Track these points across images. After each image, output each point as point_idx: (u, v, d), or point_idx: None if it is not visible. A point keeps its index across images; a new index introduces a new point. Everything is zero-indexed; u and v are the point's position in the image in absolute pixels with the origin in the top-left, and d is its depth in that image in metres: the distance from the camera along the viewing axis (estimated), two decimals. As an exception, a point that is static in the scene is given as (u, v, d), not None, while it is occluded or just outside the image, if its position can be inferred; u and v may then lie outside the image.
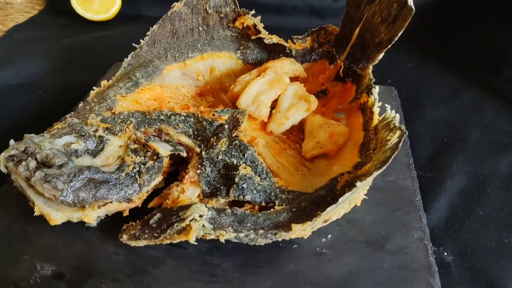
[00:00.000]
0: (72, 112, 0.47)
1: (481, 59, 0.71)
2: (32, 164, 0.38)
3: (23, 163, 0.38)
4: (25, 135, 0.41)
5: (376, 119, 0.45)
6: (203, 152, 0.43)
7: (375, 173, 0.38)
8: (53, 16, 0.83)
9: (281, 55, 0.55)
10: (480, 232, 0.43)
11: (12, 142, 0.40)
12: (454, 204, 0.47)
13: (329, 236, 0.41)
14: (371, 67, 0.49)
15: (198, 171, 0.42)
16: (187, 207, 0.38)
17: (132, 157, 0.42)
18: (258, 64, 0.55)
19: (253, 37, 0.54)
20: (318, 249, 0.40)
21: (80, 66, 0.67)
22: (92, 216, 0.39)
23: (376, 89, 0.46)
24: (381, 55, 0.48)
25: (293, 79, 0.55)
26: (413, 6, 0.42)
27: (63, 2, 0.81)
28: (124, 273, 0.37)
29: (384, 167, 0.38)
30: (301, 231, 0.37)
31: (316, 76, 0.55)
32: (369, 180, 0.38)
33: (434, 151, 0.54)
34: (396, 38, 0.45)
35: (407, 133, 0.39)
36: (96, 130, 0.43)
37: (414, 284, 0.37)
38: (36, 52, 0.70)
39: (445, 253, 0.41)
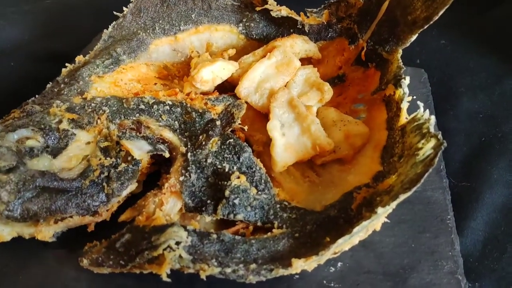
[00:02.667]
0: (37, 96, 0.40)
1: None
2: (-27, 168, 0.31)
3: (-37, 165, 0.31)
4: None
5: (404, 117, 0.37)
6: (189, 154, 0.36)
7: (402, 196, 0.30)
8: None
9: (291, 30, 0.46)
10: (524, 262, 0.36)
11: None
12: (494, 224, 0.39)
13: (339, 264, 0.34)
14: (400, 50, 0.40)
15: (181, 178, 0.34)
16: (162, 229, 0.30)
17: (100, 159, 0.34)
18: (264, 41, 0.47)
19: (258, 8, 0.45)
20: (325, 281, 0.33)
21: (62, 34, 0.59)
22: (47, 233, 0.32)
23: (406, 81, 0.38)
24: (414, 37, 0.40)
25: (305, 60, 0.46)
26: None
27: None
28: (84, 308, 0.30)
29: (414, 189, 0.30)
30: (304, 266, 0.29)
31: (332, 58, 0.46)
32: (393, 205, 0.30)
33: (470, 152, 0.45)
34: (436, 18, 0.36)
35: (445, 144, 0.31)
36: (60, 122, 0.36)
37: (443, 336, 0.30)
38: (12, 15, 0.61)
39: (482, 291, 0.34)
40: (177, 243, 0.29)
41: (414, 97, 0.49)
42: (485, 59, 0.59)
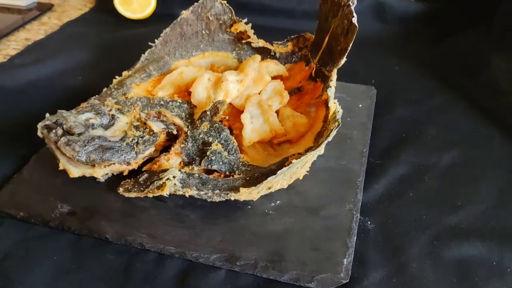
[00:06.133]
0: (97, 95, 0.61)
1: (462, 65, 0.78)
2: (59, 132, 0.52)
3: (53, 131, 0.52)
4: (58, 110, 0.55)
5: (331, 111, 0.56)
6: (189, 132, 0.56)
7: (309, 154, 0.49)
8: (100, 14, 0.98)
9: (268, 56, 0.67)
10: (404, 209, 0.53)
11: (47, 115, 0.54)
12: (391, 187, 0.56)
13: (278, 201, 0.53)
14: (335, 70, 0.60)
15: (182, 145, 0.55)
16: (166, 170, 0.51)
17: (133, 132, 0.55)
18: (250, 63, 0.67)
19: (243, 41, 0.66)
20: (266, 210, 0.52)
21: (115, 58, 0.81)
22: (99, 173, 0.53)
23: (332, 88, 0.57)
24: (343, 61, 0.58)
25: (278, 77, 0.66)
26: (357, 24, 0.52)
27: (108, 2, 0.96)
28: (118, 215, 0.51)
29: (317, 150, 0.49)
30: (247, 193, 0.48)
31: (295, 75, 0.66)
32: (303, 159, 0.49)
33: (390, 143, 0.63)
34: (349, 48, 0.55)
35: (340, 124, 0.50)
36: (110, 110, 0.56)
37: (333, 242, 0.48)
38: (81, 45, 0.85)
39: (369, 222, 0.51)
40: (174, 177, 0.50)
41: (360, 105, 0.69)
42: (426, 81, 0.77)
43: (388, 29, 0.90)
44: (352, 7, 0.53)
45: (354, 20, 0.52)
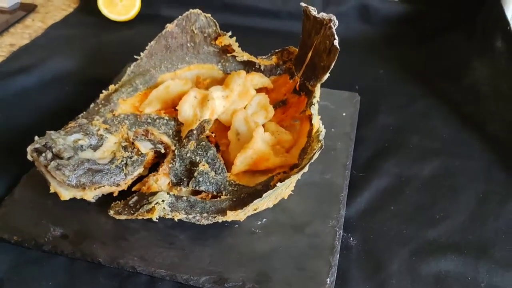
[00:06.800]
0: (84, 112, 0.62)
1: (444, 69, 0.80)
2: (49, 155, 0.53)
3: (43, 154, 0.53)
4: (46, 132, 0.56)
5: (315, 128, 0.57)
6: (176, 150, 0.57)
7: (294, 178, 0.51)
8: (84, 16, 0.97)
9: (253, 68, 0.68)
10: (385, 223, 0.55)
11: (36, 138, 0.54)
12: (373, 200, 0.58)
13: (264, 220, 0.54)
14: (319, 85, 0.61)
15: (170, 165, 0.56)
16: (155, 193, 0.52)
17: (121, 153, 0.56)
18: (236, 73, 0.68)
19: (228, 55, 0.67)
20: (253, 229, 0.53)
21: (101, 64, 0.81)
22: (90, 195, 0.54)
23: (315, 106, 0.58)
24: (326, 77, 0.59)
25: (263, 89, 0.67)
26: (338, 47, 0.53)
27: (92, 3, 0.95)
28: (109, 238, 0.52)
29: (301, 173, 0.51)
30: (234, 216, 0.50)
31: (280, 88, 0.67)
32: (288, 182, 0.51)
33: (373, 153, 0.65)
34: (332, 67, 0.56)
35: (323, 147, 0.51)
36: (98, 130, 0.57)
37: (316, 260, 0.50)
38: (67, 51, 0.84)
39: (351, 238, 0.53)
40: (163, 201, 0.51)
41: (344, 114, 0.70)
42: (408, 85, 0.79)
43: (372, 31, 0.91)
44: (334, 29, 0.54)
45: (336, 42, 0.53)
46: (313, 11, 0.57)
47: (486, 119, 0.71)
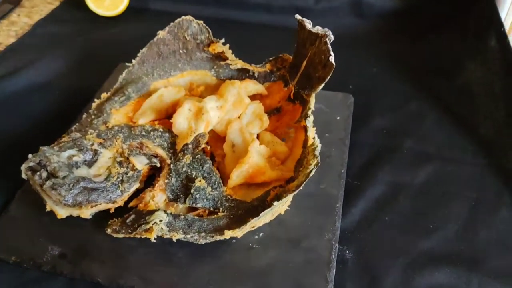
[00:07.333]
0: (77, 124, 0.61)
1: (438, 67, 0.79)
2: (44, 174, 0.52)
3: (38, 173, 0.53)
4: (40, 148, 0.55)
5: (310, 140, 0.57)
6: (172, 165, 0.57)
7: (290, 196, 0.51)
8: (71, 10, 0.94)
9: (247, 74, 0.67)
10: (380, 234, 0.56)
11: (30, 156, 0.54)
12: (368, 210, 0.59)
13: (261, 234, 0.55)
14: (313, 95, 0.60)
15: (166, 181, 0.56)
16: (152, 212, 0.53)
17: (117, 169, 0.56)
18: (229, 79, 0.67)
19: (222, 63, 0.66)
20: (250, 244, 0.54)
21: (90, 66, 0.79)
22: (86, 213, 0.54)
23: (311, 118, 0.58)
24: (320, 87, 0.59)
25: (257, 95, 0.67)
26: (334, 63, 0.53)
27: (79, -4, 0.93)
28: (108, 256, 0.53)
29: (297, 191, 0.51)
30: (232, 234, 0.51)
31: (274, 94, 0.66)
32: (284, 200, 0.51)
33: (368, 160, 0.65)
34: (327, 79, 0.56)
35: (319, 164, 0.52)
36: (92, 144, 0.57)
37: (313, 276, 0.51)
38: (55, 51, 0.82)
39: (347, 251, 0.54)
40: (160, 221, 0.51)
41: (338, 118, 0.70)
42: (401, 84, 0.78)
43: (365, 26, 0.90)
44: (329, 45, 0.53)
45: (331, 59, 0.53)
46: (308, 24, 0.56)
47: (479, 121, 0.71)
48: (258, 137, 0.61)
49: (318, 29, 0.55)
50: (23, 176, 0.53)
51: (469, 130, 0.70)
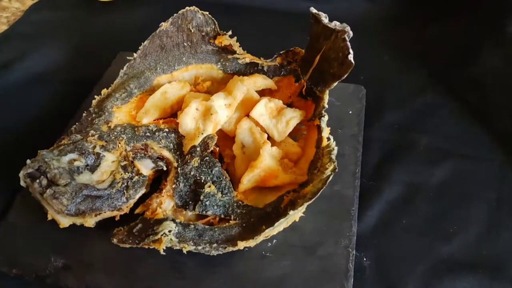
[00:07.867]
0: (77, 123, 0.58)
1: (452, 56, 0.76)
2: (44, 182, 0.49)
3: (37, 180, 0.50)
4: (38, 151, 0.52)
5: (325, 141, 0.54)
6: (179, 168, 0.54)
7: (305, 204, 0.49)
8: (65, -6, 0.90)
9: (255, 68, 0.63)
10: (398, 240, 0.54)
11: (28, 161, 0.51)
12: (384, 213, 0.56)
13: (274, 241, 0.53)
14: (327, 91, 0.57)
15: (173, 186, 0.53)
16: (160, 221, 0.50)
17: (121, 174, 0.53)
18: (237, 74, 0.64)
19: (229, 56, 0.62)
20: (263, 252, 0.52)
21: (88, 56, 0.76)
22: (90, 222, 0.51)
23: (325, 117, 0.55)
24: (334, 84, 0.56)
25: (266, 90, 0.63)
26: (353, 61, 0.49)
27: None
28: (114, 267, 0.50)
29: (314, 198, 0.49)
30: (245, 244, 0.48)
31: (285, 89, 0.63)
32: (300, 209, 0.49)
33: (382, 158, 0.62)
34: (344, 77, 0.53)
35: (337, 170, 0.49)
36: (94, 147, 0.54)
37: (330, 286, 0.49)
38: (51, 39, 0.78)
39: (365, 258, 0.52)
40: (169, 231, 0.49)
41: (350, 112, 0.67)
42: (413, 75, 0.75)
43: (376, 10, 0.86)
44: (348, 42, 0.49)
45: (351, 57, 0.49)
46: (325, 18, 0.52)
47: (493, 114, 0.68)
48: (268, 137, 0.58)
49: (336, 25, 0.51)
50: (22, 183, 0.50)
51: (484, 124, 0.67)
